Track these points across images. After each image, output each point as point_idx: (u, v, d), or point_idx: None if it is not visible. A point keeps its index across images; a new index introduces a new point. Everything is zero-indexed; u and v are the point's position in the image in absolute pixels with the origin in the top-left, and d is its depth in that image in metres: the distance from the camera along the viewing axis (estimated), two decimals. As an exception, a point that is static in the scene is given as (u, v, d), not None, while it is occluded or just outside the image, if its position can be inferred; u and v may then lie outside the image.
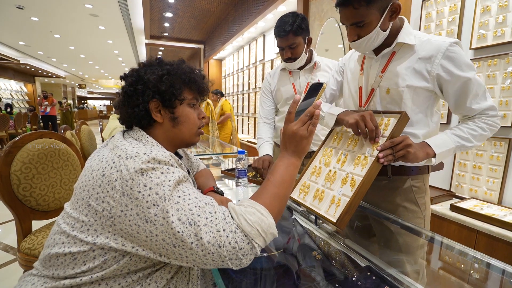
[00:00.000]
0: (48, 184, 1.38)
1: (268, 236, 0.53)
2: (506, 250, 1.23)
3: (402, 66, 0.86)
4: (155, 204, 0.50)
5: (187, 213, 0.50)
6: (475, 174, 1.60)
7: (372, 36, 0.82)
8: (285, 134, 0.62)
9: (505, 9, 1.44)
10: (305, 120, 0.61)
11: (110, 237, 0.53)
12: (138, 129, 0.66)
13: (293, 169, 0.61)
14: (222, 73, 7.12)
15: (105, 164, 0.55)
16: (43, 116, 8.19)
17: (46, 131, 1.44)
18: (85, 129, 2.78)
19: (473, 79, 0.80)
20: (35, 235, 1.32)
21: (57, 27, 6.16)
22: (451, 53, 0.79)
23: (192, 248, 0.49)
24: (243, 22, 4.51)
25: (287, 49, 1.36)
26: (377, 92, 0.92)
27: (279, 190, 0.58)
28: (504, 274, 0.67)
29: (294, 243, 0.93)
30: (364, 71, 0.96)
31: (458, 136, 0.83)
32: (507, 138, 1.45)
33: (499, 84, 1.48)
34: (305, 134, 0.61)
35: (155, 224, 0.50)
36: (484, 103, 0.82)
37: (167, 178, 0.53)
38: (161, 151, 0.58)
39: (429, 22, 1.80)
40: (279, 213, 0.57)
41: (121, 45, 7.71)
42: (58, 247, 0.56)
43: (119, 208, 0.51)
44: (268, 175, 0.60)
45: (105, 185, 0.53)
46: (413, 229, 0.90)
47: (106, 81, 18.54)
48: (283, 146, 0.63)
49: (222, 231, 0.50)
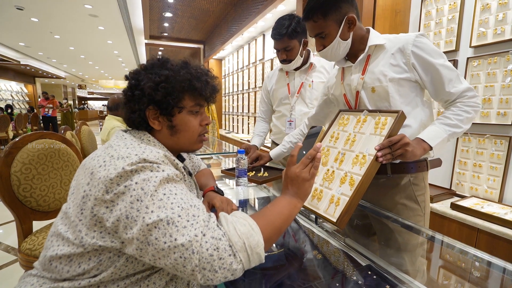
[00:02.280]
0: (49, 184, 1.38)
1: (254, 255, 0.49)
2: (507, 248, 1.23)
3: (380, 64, 0.91)
4: (138, 199, 0.49)
5: (167, 212, 0.48)
6: (475, 173, 1.60)
7: (334, 45, 0.92)
8: (287, 177, 0.63)
9: (505, 6, 1.43)
10: (307, 163, 0.62)
11: (97, 236, 0.52)
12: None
13: (293, 208, 0.60)
14: (222, 72, 7.12)
15: (96, 163, 0.55)
16: (43, 117, 8.20)
17: (46, 132, 1.44)
18: (85, 130, 2.78)
19: (445, 65, 0.85)
20: (36, 235, 1.33)
21: (57, 28, 6.17)
22: (419, 43, 0.86)
23: (164, 249, 0.47)
24: (242, 22, 4.51)
25: (282, 51, 1.40)
26: (362, 93, 0.96)
27: (274, 219, 0.56)
28: (505, 272, 0.66)
29: (294, 242, 0.93)
30: (345, 80, 1.03)
31: (447, 125, 0.85)
32: (507, 136, 1.45)
33: (499, 82, 1.48)
34: (307, 176, 0.61)
35: (135, 219, 0.48)
36: (460, 86, 0.86)
37: (155, 175, 0.52)
38: (154, 151, 0.57)
39: (428, 20, 1.80)
40: (268, 241, 0.53)
41: (121, 45, 7.72)
42: (53, 249, 0.56)
43: (104, 205, 0.50)
44: (268, 205, 0.60)
45: (92, 183, 0.52)
46: (413, 228, 0.90)
47: (106, 82, 18.56)
48: (285, 187, 0.63)
49: (201, 236, 0.47)
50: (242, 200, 1.18)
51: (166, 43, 7.08)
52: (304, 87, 1.50)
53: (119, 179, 0.50)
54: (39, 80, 13.87)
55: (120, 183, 0.50)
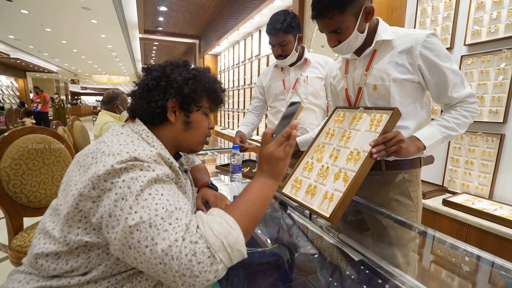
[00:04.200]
0: (39, 180, 1.36)
1: (234, 253, 0.48)
2: (496, 243, 1.25)
3: (385, 62, 0.89)
4: (123, 197, 0.48)
5: (151, 213, 0.47)
6: (467, 170, 1.62)
7: (351, 40, 0.87)
8: (261, 156, 0.60)
9: (499, 5, 1.44)
10: (282, 141, 0.59)
11: (81, 232, 0.51)
12: (139, 122, 0.65)
13: (268, 191, 0.58)
14: (218, 68, 7.06)
15: (87, 158, 0.54)
16: (34, 113, 8.03)
17: (36, 127, 1.41)
18: (78, 125, 2.74)
19: (452, 69, 0.84)
20: (26, 232, 1.30)
21: (48, 21, 6.02)
22: (429, 44, 0.83)
23: (146, 253, 0.45)
24: (238, 17, 4.47)
25: (277, 46, 1.41)
26: (364, 90, 0.95)
27: (250, 208, 0.54)
28: (494, 266, 0.68)
29: (288, 238, 0.93)
30: (348, 73, 1.00)
31: (444, 127, 0.86)
32: (498, 134, 1.47)
33: (492, 80, 1.49)
34: (281, 155, 0.58)
35: (118, 219, 0.47)
36: (463, 91, 0.85)
37: (144, 174, 0.51)
38: (147, 149, 0.56)
39: (424, 18, 1.80)
40: (247, 232, 0.52)
41: (115, 39, 7.58)
42: (39, 247, 0.55)
43: (90, 200, 0.50)
44: (241, 192, 0.57)
45: (81, 178, 0.52)
46: (406, 223, 0.91)
47: (99, 77, 18.25)
48: (259, 167, 0.60)
49: (181, 240, 0.45)
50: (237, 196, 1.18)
51: (161, 37, 6.99)
52: (299, 83, 1.50)
53: (107, 175, 0.49)
54: (30, 74, 13.56)
55: (107, 179, 0.49)
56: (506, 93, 1.43)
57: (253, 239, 0.87)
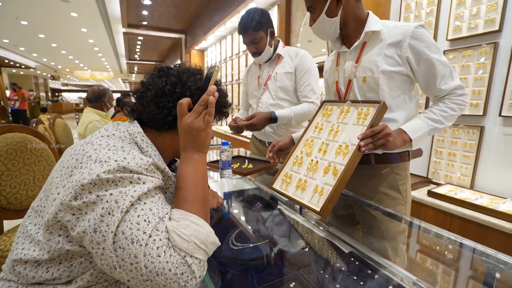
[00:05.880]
0: (20, 181, 1.30)
1: (209, 246, 0.49)
2: (477, 231, 1.32)
3: (374, 54, 0.90)
4: (110, 212, 0.45)
5: (133, 227, 0.45)
6: (450, 161, 1.69)
7: (319, 22, 0.92)
8: (180, 130, 0.56)
9: (479, 1, 1.49)
10: (200, 110, 0.55)
11: (62, 240, 0.49)
12: (136, 124, 0.61)
13: (200, 166, 0.56)
14: (205, 64, 6.96)
15: (71, 159, 0.51)
16: (12, 111, 7.66)
17: (15, 125, 1.34)
18: (59, 123, 2.63)
19: (441, 61, 0.84)
20: (7, 235, 1.25)
21: (24, 13, 5.72)
22: (417, 35, 0.84)
23: (132, 271, 0.44)
24: (225, 11, 4.40)
25: (251, 44, 1.44)
26: (354, 82, 0.95)
27: (196, 194, 0.53)
28: (475, 252, 0.71)
29: (279, 232, 0.94)
30: (339, 66, 1.01)
31: (431, 119, 0.87)
32: (479, 126, 1.53)
33: (472, 74, 1.55)
34: (201, 126, 0.55)
35: (104, 235, 0.44)
36: (452, 83, 0.86)
37: (134, 188, 0.48)
38: (138, 158, 0.51)
39: (408, 13, 1.84)
40: (206, 217, 0.53)
41: (97, 34, 7.30)
42: (17, 252, 0.52)
43: (70, 212, 0.46)
44: (178, 182, 0.55)
45: (62, 182, 0.49)
46: (395, 216, 0.93)
47: (81, 72, 17.58)
48: (181, 144, 0.57)
49: (163, 255, 0.44)
50: (227, 193, 1.17)
51: (145, 32, 6.80)
52: (270, 79, 1.52)
53: (92, 186, 0.46)
54: (6, 70, 12.90)
55: (92, 191, 0.46)
56: (486, 86, 1.49)
57: (244, 234, 0.87)
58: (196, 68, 0.67)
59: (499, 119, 1.46)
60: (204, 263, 0.48)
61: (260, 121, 1.41)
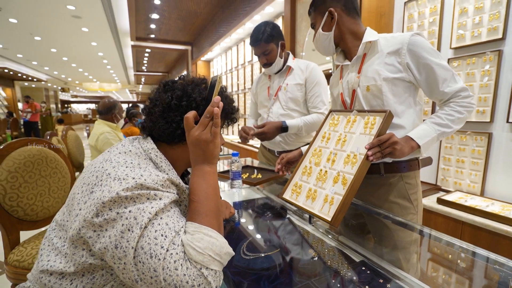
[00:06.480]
0: (36, 193, 1.34)
1: (223, 257, 0.51)
2: (489, 238, 1.30)
3: (375, 63, 0.93)
4: (130, 229, 0.47)
5: (151, 242, 0.47)
6: (458, 168, 1.67)
7: (317, 36, 1.02)
8: (189, 143, 0.58)
9: (481, 10, 1.51)
10: (206, 122, 0.56)
11: (86, 254, 0.51)
12: (150, 140, 0.63)
13: (211, 178, 0.57)
14: (211, 74, 7.08)
15: (91, 176, 0.53)
16: (24, 123, 7.87)
17: (32, 138, 1.40)
18: (71, 135, 2.71)
19: (440, 64, 0.86)
20: (24, 246, 1.28)
21: (38, 29, 5.96)
22: (414, 41, 0.87)
23: (152, 284, 0.46)
24: (230, 23, 4.51)
25: (262, 56, 1.50)
26: (358, 91, 0.98)
27: (208, 206, 0.54)
28: (488, 261, 0.71)
29: (290, 242, 0.95)
30: (343, 78, 1.06)
31: (437, 124, 0.87)
32: (486, 133, 1.53)
33: (477, 81, 1.55)
34: (209, 137, 0.56)
35: (125, 251, 0.47)
36: (455, 86, 0.86)
37: (151, 205, 0.50)
38: (154, 174, 0.53)
39: (411, 23, 1.87)
40: (220, 228, 0.55)
41: (106, 47, 7.54)
42: (43, 263, 0.55)
43: (91, 229, 0.49)
44: (190, 195, 0.57)
45: (84, 198, 0.51)
46: (407, 225, 0.93)
47: (90, 84, 18.03)
48: (191, 156, 0.59)
49: (181, 268, 0.46)
50: (238, 202, 1.19)
51: (153, 44, 6.99)
52: (281, 90, 1.56)
53: (112, 204, 0.48)
54: (19, 83, 13.32)
55: (112, 208, 0.48)
56: (492, 93, 1.49)
57: (255, 244, 0.88)
58: (200, 78, 0.68)
59: (506, 126, 1.46)
60: (219, 274, 0.50)
61: (271, 130, 1.44)
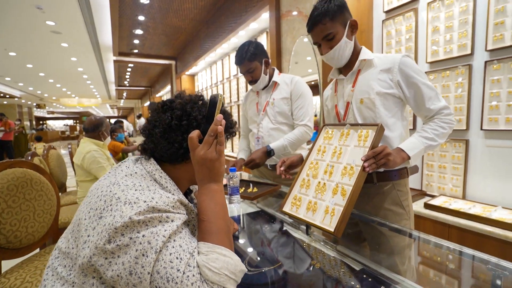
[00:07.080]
0: (20, 218, 1.27)
1: (238, 275, 0.51)
2: (475, 239, 1.37)
3: (369, 78, 1.02)
4: (144, 254, 0.46)
5: (167, 266, 0.47)
6: (441, 173, 1.78)
7: (341, 45, 1.00)
8: (195, 163, 0.58)
9: (451, 29, 1.66)
10: (211, 141, 0.57)
11: (96, 282, 0.50)
12: (153, 161, 0.62)
13: (219, 196, 0.58)
14: (195, 88, 7.10)
15: (99, 201, 0.52)
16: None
17: (15, 160, 1.33)
18: (53, 154, 2.60)
19: (426, 84, 0.96)
20: (6, 277, 1.19)
21: (13, 45, 5.75)
22: (405, 61, 0.97)
23: None
24: (215, 39, 4.59)
25: (247, 73, 1.56)
26: (352, 104, 1.06)
27: (218, 224, 0.55)
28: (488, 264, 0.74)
29: (290, 254, 0.95)
30: (338, 92, 1.13)
31: (425, 138, 0.96)
32: (464, 140, 1.64)
33: (452, 93, 1.68)
34: (214, 156, 0.56)
35: (140, 277, 0.46)
36: (439, 104, 0.97)
37: (164, 227, 0.49)
38: (164, 196, 0.53)
39: (390, 39, 2.01)
40: (231, 245, 0.55)
41: (87, 62, 7.37)
42: None
43: (103, 256, 0.47)
44: (200, 215, 0.57)
45: (92, 224, 0.50)
46: (401, 231, 0.98)
47: (68, 100, 17.42)
48: (197, 176, 0.59)
49: None
50: (236, 217, 1.19)
51: (136, 59, 6.94)
52: (268, 105, 1.62)
53: (125, 229, 0.47)
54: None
55: (125, 234, 0.47)
56: (466, 103, 1.62)
57: (256, 259, 0.88)
58: (197, 95, 0.68)
59: (481, 133, 1.58)
60: None
61: (258, 156, 1.49)
